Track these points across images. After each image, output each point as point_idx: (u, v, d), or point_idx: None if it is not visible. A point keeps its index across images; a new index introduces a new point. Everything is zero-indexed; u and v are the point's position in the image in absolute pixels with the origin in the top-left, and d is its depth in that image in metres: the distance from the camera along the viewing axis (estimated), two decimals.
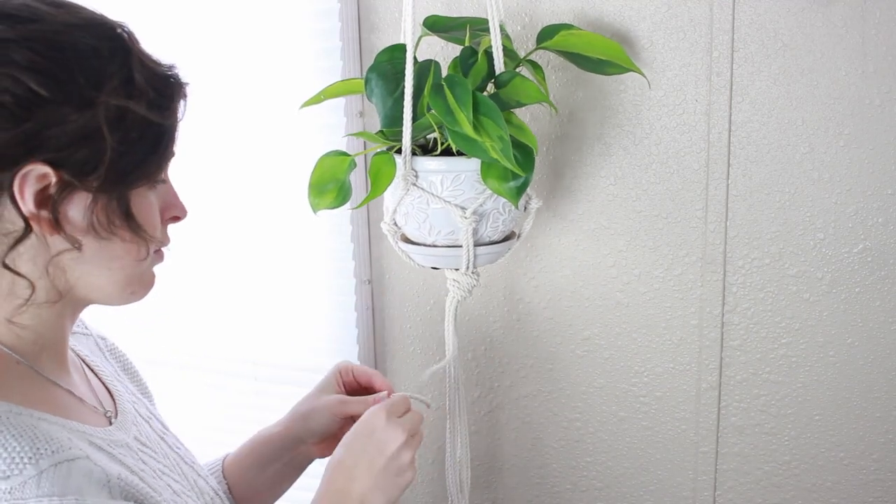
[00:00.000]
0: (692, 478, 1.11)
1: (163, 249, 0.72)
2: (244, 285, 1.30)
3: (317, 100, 0.96)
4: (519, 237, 0.99)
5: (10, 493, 0.57)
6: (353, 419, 0.91)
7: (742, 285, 1.03)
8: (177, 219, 0.73)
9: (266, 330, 1.30)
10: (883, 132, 0.93)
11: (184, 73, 0.70)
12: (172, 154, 0.69)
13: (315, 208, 0.94)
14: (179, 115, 0.69)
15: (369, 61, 0.95)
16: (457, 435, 1.02)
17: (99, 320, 0.90)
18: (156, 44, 1.26)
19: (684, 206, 1.03)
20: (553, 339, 1.14)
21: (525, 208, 0.97)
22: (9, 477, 0.57)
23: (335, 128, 1.15)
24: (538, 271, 1.12)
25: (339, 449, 0.80)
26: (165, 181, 0.71)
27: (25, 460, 0.58)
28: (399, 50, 0.89)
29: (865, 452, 1.02)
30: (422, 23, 0.96)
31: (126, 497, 0.63)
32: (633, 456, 1.14)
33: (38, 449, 0.59)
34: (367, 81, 0.90)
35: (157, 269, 0.73)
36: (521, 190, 0.87)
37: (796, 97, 0.95)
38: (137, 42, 0.66)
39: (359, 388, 0.96)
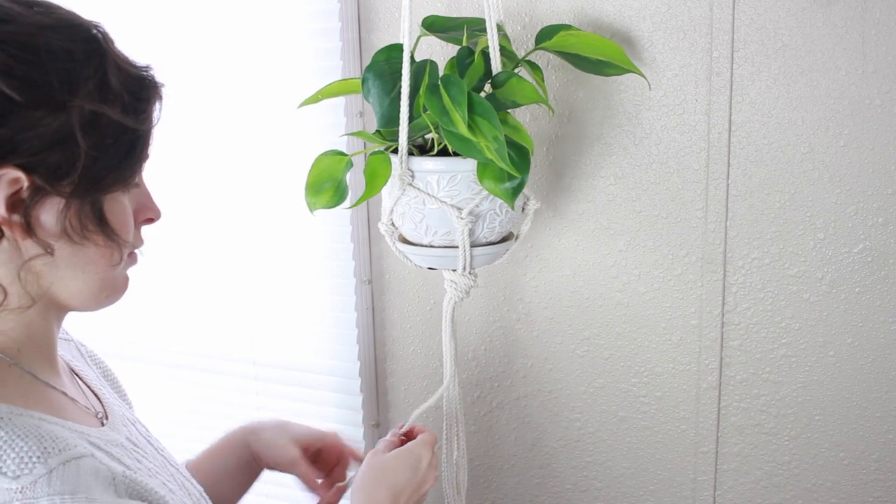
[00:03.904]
0: (692, 478, 1.11)
1: (138, 252, 0.71)
2: (244, 285, 1.30)
3: (314, 99, 0.96)
4: (517, 238, 0.99)
5: (21, 492, 0.57)
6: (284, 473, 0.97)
7: (742, 285, 1.03)
8: (150, 221, 0.72)
9: (266, 330, 1.30)
10: (883, 132, 0.93)
11: (160, 74, 0.68)
12: (147, 157, 0.68)
13: (312, 208, 0.93)
14: (155, 117, 0.68)
15: (369, 61, 0.95)
16: (454, 436, 1.02)
17: (98, 320, 0.90)
18: (156, 44, 1.26)
19: (684, 206, 1.03)
20: (553, 339, 1.14)
21: (523, 209, 0.97)
22: (19, 476, 0.57)
23: (335, 128, 1.15)
24: (538, 271, 1.12)
25: (384, 471, 0.85)
26: (139, 184, 0.70)
27: (34, 459, 0.58)
28: (396, 50, 0.89)
29: (865, 452, 1.03)
30: (420, 22, 0.96)
31: (131, 494, 0.63)
32: (633, 456, 1.14)
33: (45, 448, 0.59)
34: (363, 81, 0.89)
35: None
36: (516, 191, 0.87)
37: (796, 97, 0.95)
38: (112, 43, 0.65)
39: (334, 460, 1.00)
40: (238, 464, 0.98)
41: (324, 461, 1.00)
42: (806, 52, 0.93)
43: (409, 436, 0.95)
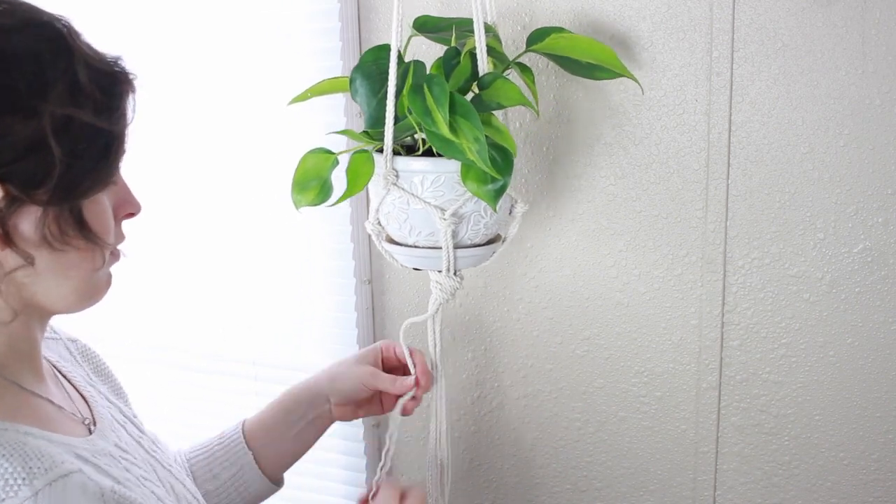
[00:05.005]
0: (692, 478, 1.11)
1: (121, 248, 0.70)
2: (244, 285, 1.30)
3: (303, 97, 0.95)
4: (504, 241, 0.98)
5: None
6: (378, 393, 0.99)
7: (742, 285, 1.03)
8: (131, 215, 0.70)
9: (266, 330, 1.30)
10: (883, 132, 0.93)
11: (131, 65, 0.65)
12: (124, 153, 0.66)
13: (297, 205, 0.94)
14: (130, 113, 0.65)
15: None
16: (441, 436, 1.02)
17: (98, 321, 0.90)
18: (156, 45, 1.26)
19: (684, 206, 1.03)
20: (553, 339, 1.14)
21: (510, 212, 0.96)
22: (3, 500, 0.56)
23: (336, 128, 1.15)
24: (538, 271, 1.12)
25: None
26: (117, 181, 0.67)
27: (19, 481, 0.56)
28: (384, 50, 0.88)
29: (865, 452, 1.02)
30: (411, 23, 0.96)
31: None
32: (633, 456, 1.14)
33: (30, 468, 0.57)
34: (351, 81, 0.89)
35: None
36: (499, 193, 0.86)
37: (796, 97, 0.95)
38: (79, 37, 0.62)
39: (398, 366, 1.01)
40: (307, 417, 0.99)
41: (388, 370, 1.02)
42: (806, 52, 0.93)
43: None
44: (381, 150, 0.89)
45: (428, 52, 1.09)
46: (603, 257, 1.08)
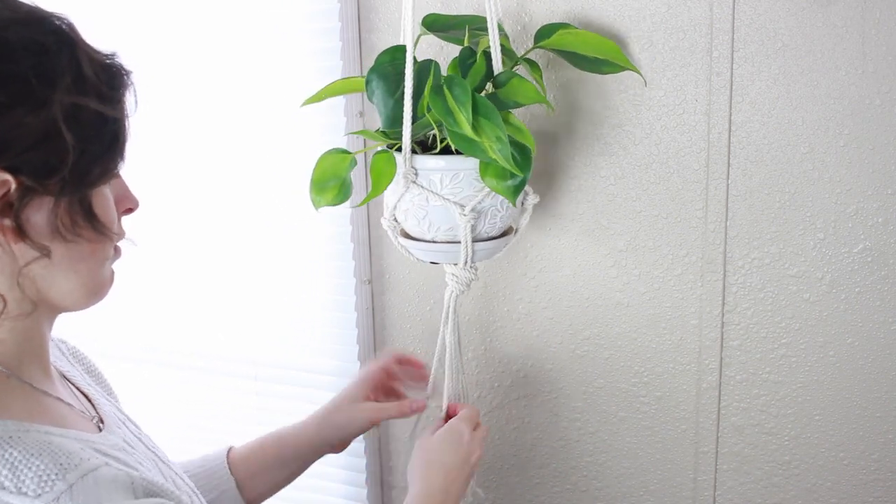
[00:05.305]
0: (692, 478, 1.11)
1: (121, 245, 0.71)
2: (244, 285, 1.30)
3: (317, 98, 0.97)
4: (516, 232, 1.00)
5: None
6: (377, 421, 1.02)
7: (742, 285, 1.03)
8: (130, 211, 0.71)
9: (266, 330, 1.30)
10: (883, 132, 0.93)
11: (126, 61, 0.66)
12: (127, 143, 0.67)
13: (317, 205, 0.95)
14: (129, 106, 0.66)
15: (369, 61, 0.95)
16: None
17: (98, 321, 0.90)
18: (156, 44, 1.26)
19: (684, 206, 1.03)
20: (553, 339, 1.14)
21: (522, 204, 0.98)
22: (40, 495, 0.57)
23: (335, 128, 1.15)
24: (538, 271, 1.12)
25: (431, 453, 0.91)
26: (117, 175, 0.68)
27: (53, 476, 0.57)
28: (400, 51, 0.90)
29: (865, 452, 1.03)
30: (420, 21, 0.96)
31: (147, 493, 0.62)
32: (633, 456, 1.14)
33: (61, 464, 0.58)
34: (367, 82, 0.91)
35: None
36: (518, 188, 0.89)
37: (796, 97, 0.95)
38: (79, 33, 0.63)
39: (394, 387, 1.06)
40: (308, 462, 1.01)
41: (388, 387, 1.05)
42: (806, 52, 0.93)
43: (451, 413, 1.00)
44: (398, 149, 0.91)
45: (429, 50, 1.09)
46: (603, 257, 1.09)
